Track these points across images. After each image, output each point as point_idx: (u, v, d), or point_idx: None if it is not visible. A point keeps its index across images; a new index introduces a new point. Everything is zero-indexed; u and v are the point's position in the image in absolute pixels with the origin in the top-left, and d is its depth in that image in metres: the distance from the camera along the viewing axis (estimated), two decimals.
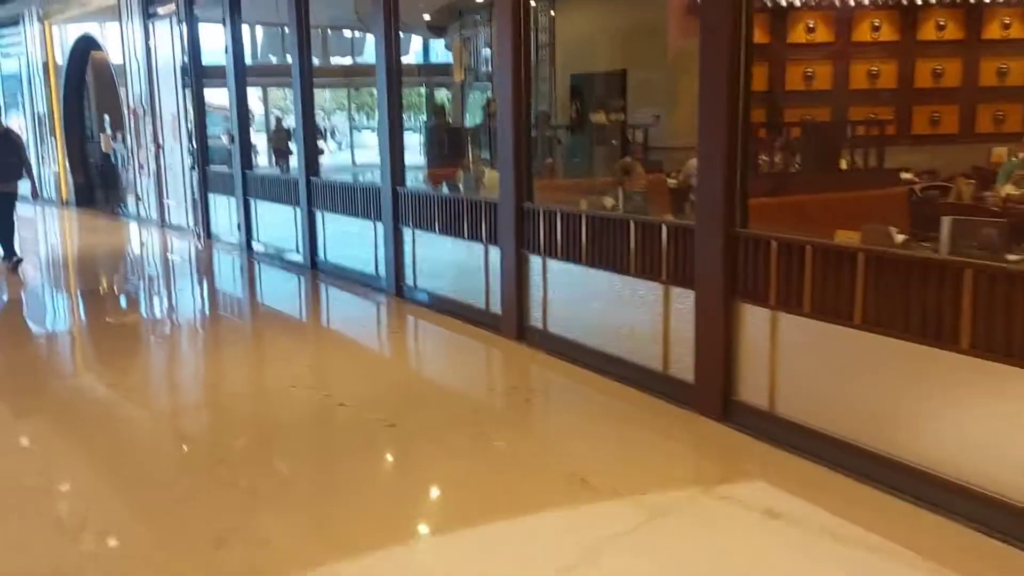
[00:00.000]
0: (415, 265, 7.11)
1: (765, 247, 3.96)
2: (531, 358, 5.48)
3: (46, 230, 13.81)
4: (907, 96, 9.51)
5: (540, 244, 5.55)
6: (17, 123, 16.67)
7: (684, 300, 4.45)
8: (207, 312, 7.63)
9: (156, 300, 8.13)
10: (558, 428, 4.22)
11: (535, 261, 5.64)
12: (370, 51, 14.41)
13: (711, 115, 4.19)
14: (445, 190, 7.50)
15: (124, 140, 13.19)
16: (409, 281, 7.21)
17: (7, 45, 16.41)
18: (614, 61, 11.04)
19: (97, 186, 15.62)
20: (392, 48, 7.13)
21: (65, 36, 14.59)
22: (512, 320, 5.84)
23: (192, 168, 11.05)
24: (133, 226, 12.85)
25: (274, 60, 23.02)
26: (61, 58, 14.86)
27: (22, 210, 16.15)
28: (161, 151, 11.90)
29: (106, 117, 14.07)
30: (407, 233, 7.14)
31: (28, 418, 4.63)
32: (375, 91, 7.41)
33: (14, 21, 15.91)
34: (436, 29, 15.34)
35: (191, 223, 11.36)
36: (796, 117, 8.71)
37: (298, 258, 8.97)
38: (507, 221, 5.77)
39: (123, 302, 8.06)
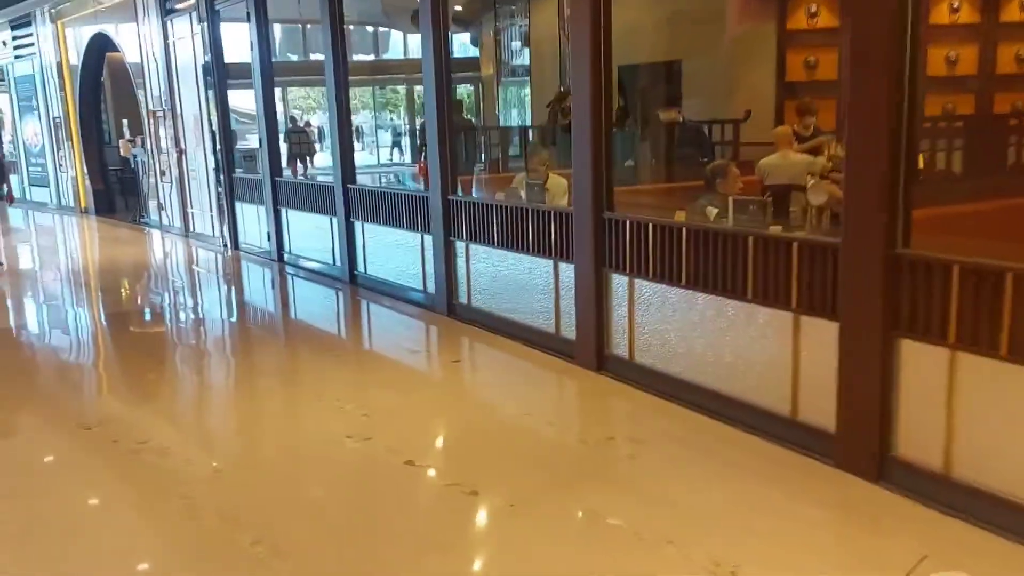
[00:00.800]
0: (469, 282, 6.36)
1: (942, 273, 3.18)
2: (618, 395, 4.72)
3: (65, 240, 13.19)
4: None
5: (625, 261, 4.78)
6: (32, 128, 16.06)
7: (822, 333, 3.68)
8: (239, 335, 6.92)
9: (182, 322, 7.42)
10: (679, 494, 3.45)
11: (618, 280, 4.87)
12: (395, 48, 13.59)
13: (864, 103, 3.38)
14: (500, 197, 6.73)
15: (144, 145, 12.51)
16: (462, 298, 6.46)
17: (20, 47, 15.78)
18: (664, 51, 10.25)
19: (116, 193, 14.98)
20: (441, 45, 6.36)
21: (79, 36, 13.93)
22: (590, 347, 5.09)
23: (217, 174, 10.35)
24: (156, 236, 12.17)
25: (293, 58, 22.37)
26: (76, 59, 14.20)
27: (40, 219, 15.63)
28: (183, 156, 11.21)
29: (124, 121, 13.40)
30: (460, 246, 6.39)
31: (34, 476, 3.93)
32: (400, 88, 6.75)
33: (26, 22, 15.27)
34: (462, 23, 14.57)
35: (217, 233, 10.67)
36: (937, 107, 7.60)
37: (335, 271, 8.24)
38: (584, 234, 5.01)
39: (147, 323, 7.35)
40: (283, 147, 12.96)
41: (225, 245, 10.45)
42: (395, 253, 7.32)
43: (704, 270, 4.27)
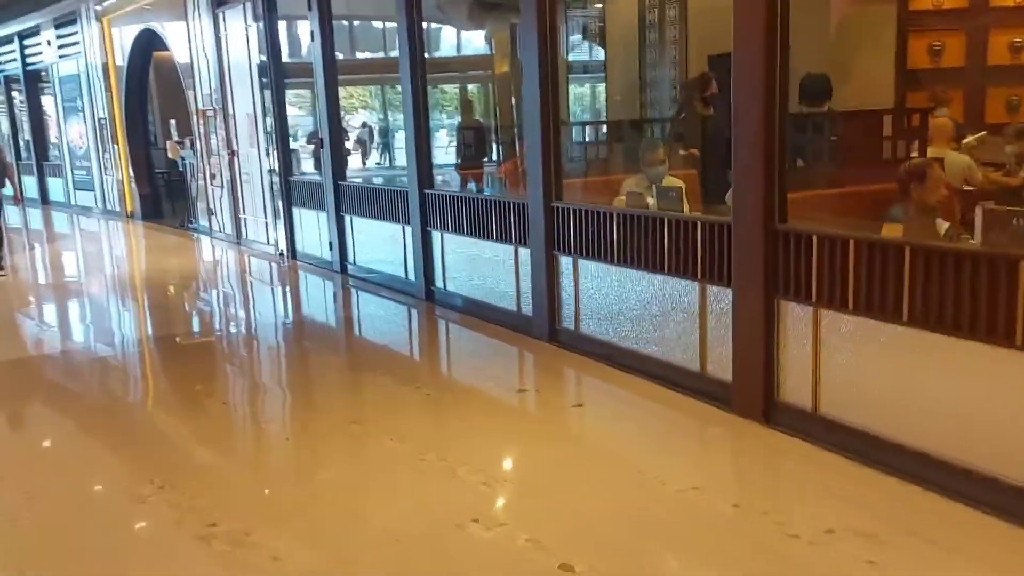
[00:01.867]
0: (577, 304, 5.36)
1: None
2: (807, 460, 3.69)
3: (111, 247, 12.40)
4: None
5: (810, 287, 3.75)
6: (77, 130, 15.37)
7: None
8: (302, 362, 5.98)
9: (236, 347, 6.52)
10: None
11: (798, 312, 3.84)
12: (445, 46, 12.53)
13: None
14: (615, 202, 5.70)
15: (193, 147, 11.68)
16: (567, 323, 5.46)
17: (64, 46, 15.07)
18: None
19: (163, 197, 14.20)
20: (546, 37, 5.34)
21: (125, 34, 13.16)
22: (754, 392, 4.06)
23: (272, 177, 9.47)
24: (205, 243, 11.33)
25: (339, 56, 21.52)
26: (121, 58, 13.45)
27: (86, 224, 14.91)
28: (235, 158, 10.34)
29: (172, 122, 12.59)
30: (566, 262, 5.39)
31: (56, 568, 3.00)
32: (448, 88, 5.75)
33: (70, 20, 14.55)
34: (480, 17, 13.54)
35: (272, 240, 9.78)
36: None
37: (408, 286, 7.28)
38: (750, 251, 3.97)
39: (197, 349, 6.45)
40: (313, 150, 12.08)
41: (281, 254, 9.56)
42: (481, 268, 6.34)
43: (933, 304, 3.22)
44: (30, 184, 17.76)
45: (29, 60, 16.56)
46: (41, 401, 5.15)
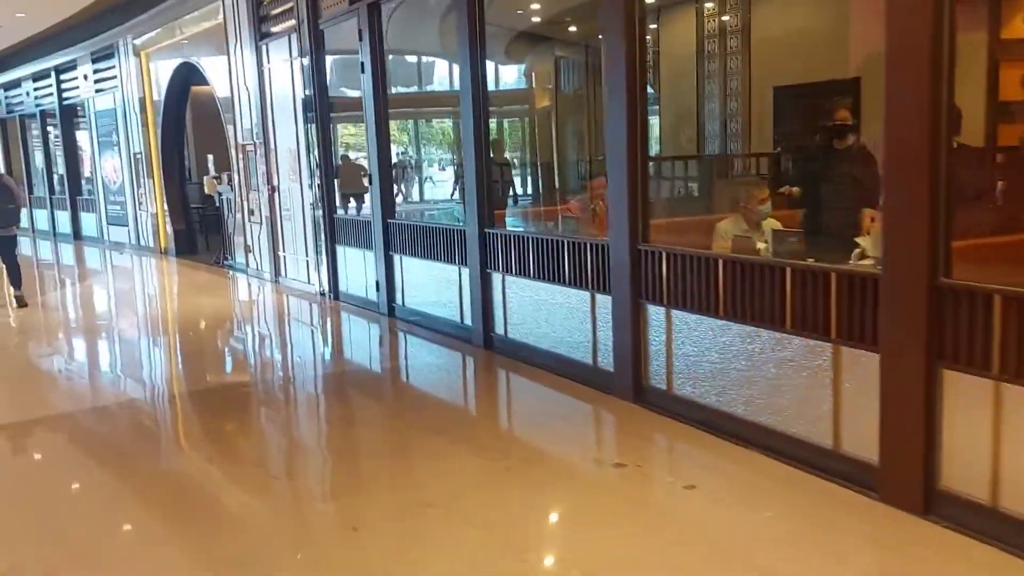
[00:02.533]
0: (670, 360, 4.71)
1: None
2: (988, 564, 3.01)
3: (144, 285, 11.91)
4: None
5: (981, 353, 3.09)
6: (111, 165, 15.01)
7: None
8: (364, 425, 5.35)
9: (285, 403, 5.92)
10: None
11: (969, 382, 3.17)
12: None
13: None
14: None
15: (231, 182, 11.22)
16: (656, 381, 4.82)
17: (101, 80, 14.77)
18: (828, 68, 8.56)
19: (198, 233, 13.76)
20: (634, 68, 4.76)
21: (163, 68, 12.81)
22: (906, 479, 3.39)
23: (315, 214, 8.94)
24: (241, 281, 10.81)
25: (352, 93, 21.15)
26: (158, 93, 13.09)
27: (119, 261, 14.48)
28: (276, 194, 9.85)
29: (210, 156, 12.16)
30: (655, 312, 4.76)
31: None
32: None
33: (108, 54, 14.26)
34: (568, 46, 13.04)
35: (313, 279, 9.23)
36: None
37: (464, 332, 6.67)
38: (902, 308, 3.33)
39: (239, 404, 5.85)
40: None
41: (323, 293, 9.00)
42: (551, 314, 5.72)
43: None
44: (63, 219, 17.44)
45: (65, 95, 16.30)
46: (56, 480, 4.56)
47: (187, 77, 12.83)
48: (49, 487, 4.24)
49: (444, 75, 15.15)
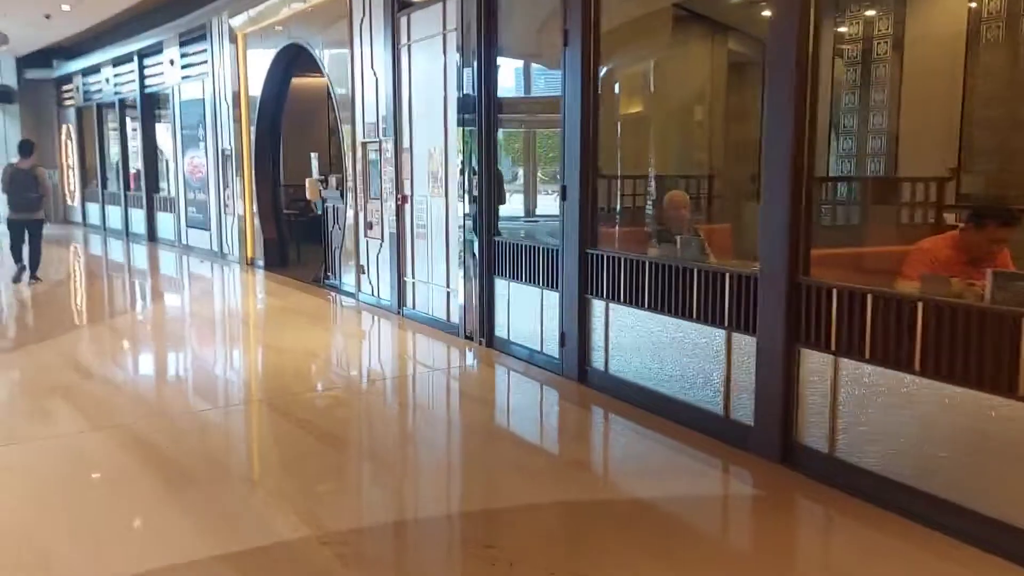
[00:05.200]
0: (834, 417, 3.25)
1: None
2: None
3: (225, 309, 9.69)
4: None
5: None
6: (195, 161, 13.08)
7: None
8: None
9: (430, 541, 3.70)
10: None
11: None
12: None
13: None
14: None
15: (340, 187, 9.15)
16: (814, 441, 2.65)
17: (189, 66, 12.86)
18: None
19: (289, 243, 11.71)
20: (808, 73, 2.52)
21: (261, 55, 10.82)
22: None
23: (466, 235, 6.77)
24: (349, 307, 8.69)
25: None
26: (255, 83, 11.11)
27: (196, 268, 12.55)
28: (406, 206, 7.71)
29: (313, 155, 10.10)
30: (817, 361, 2.87)
31: None
32: None
33: (198, 36, 12.33)
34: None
35: (454, 316, 7.06)
36: None
37: (720, 426, 4.40)
38: None
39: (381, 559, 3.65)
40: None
41: (468, 336, 6.82)
42: (668, 352, 3.45)
43: None
44: (138, 218, 15.59)
45: (148, 82, 14.45)
46: None
47: (289, 64, 10.83)
48: None
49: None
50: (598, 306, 5.29)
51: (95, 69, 16.39)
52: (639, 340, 4.88)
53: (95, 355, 6.92)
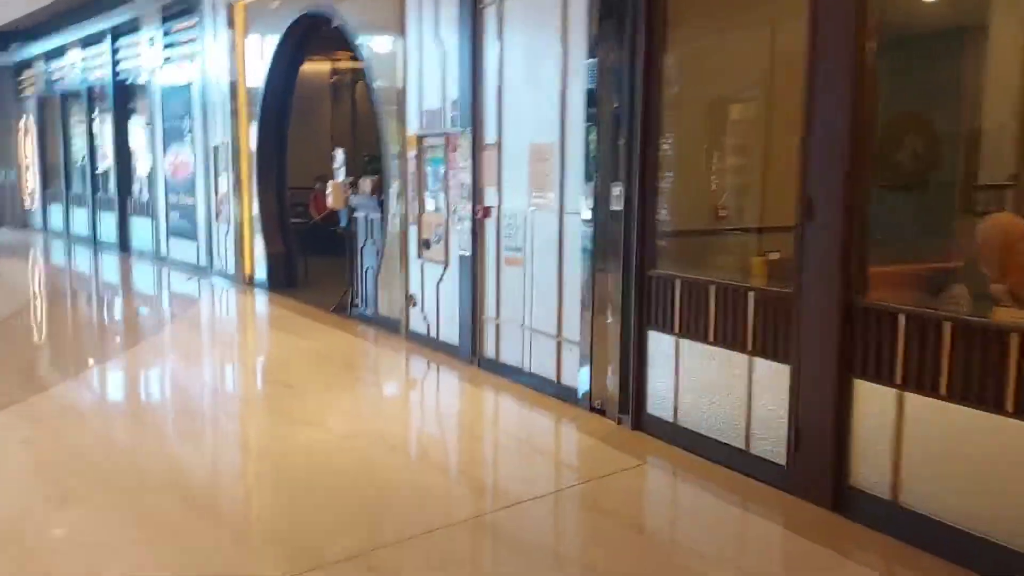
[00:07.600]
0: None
1: None
2: None
3: (230, 358, 6.98)
4: None
5: None
6: (179, 159, 10.75)
7: None
8: None
9: None
10: None
11: None
12: None
13: None
14: None
15: (379, 192, 6.97)
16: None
17: (172, 45, 10.52)
18: None
19: (298, 258, 9.46)
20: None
21: (264, 31, 8.62)
22: None
23: (592, 263, 4.66)
24: (396, 352, 6.50)
25: None
26: (258, 62, 8.90)
27: (179, 288, 10.12)
28: (490, 219, 5.57)
29: (339, 151, 7.88)
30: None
31: None
32: None
33: (184, 10, 10.02)
34: None
35: (570, 377, 4.94)
36: None
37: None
38: None
39: None
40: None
41: (596, 409, 4.71)
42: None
43: None
44: (108, 224, 13.13)
45: (122, 66, 12.04)
46: None
47: (300, 43, 8.63)
48: None
49: None
50: (873, 393, 3.20)
51: (60, 52, 13.89)
52: (955, 449, 2.86)
53: (19, 472, 4.39)
